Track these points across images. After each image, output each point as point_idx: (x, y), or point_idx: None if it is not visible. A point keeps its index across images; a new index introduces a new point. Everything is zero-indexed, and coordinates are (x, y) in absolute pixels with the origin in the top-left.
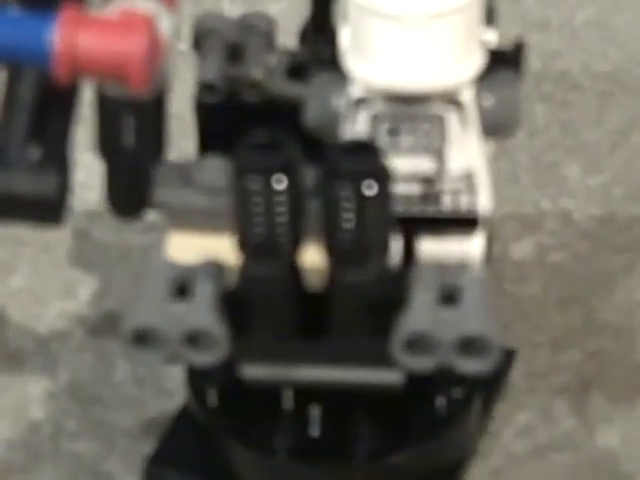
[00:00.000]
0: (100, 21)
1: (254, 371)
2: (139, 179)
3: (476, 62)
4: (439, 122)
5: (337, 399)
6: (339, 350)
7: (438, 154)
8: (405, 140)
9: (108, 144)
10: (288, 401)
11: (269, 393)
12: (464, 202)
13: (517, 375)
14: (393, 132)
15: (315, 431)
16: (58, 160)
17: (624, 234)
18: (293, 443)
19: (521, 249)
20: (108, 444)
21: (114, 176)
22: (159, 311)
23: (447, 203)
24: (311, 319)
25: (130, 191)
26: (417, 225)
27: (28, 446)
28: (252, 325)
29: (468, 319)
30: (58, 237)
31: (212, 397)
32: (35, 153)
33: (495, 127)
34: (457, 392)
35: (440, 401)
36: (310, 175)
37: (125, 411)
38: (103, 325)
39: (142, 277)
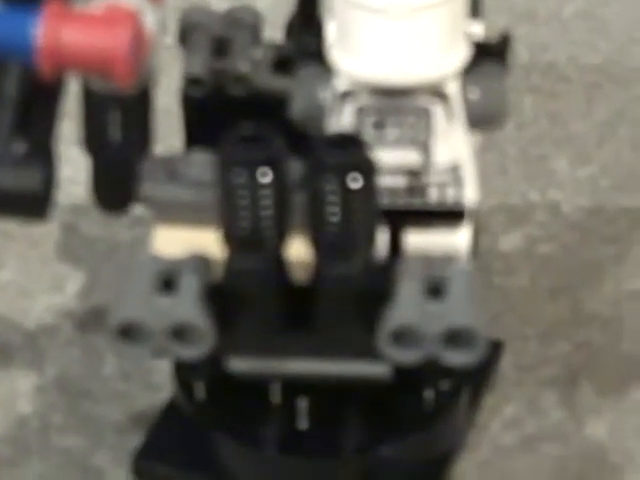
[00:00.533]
0: (84, 16)
1: (241, 364)
2: (125, 173)
3: (462, 54)
4: (425, 115)
5: (324, 392)
6: (325, 343)
7: (424, 147)
8: (391, 133)
9: (94, 139)
10: (275, 394)
11: (256, 386)
12: (450, 195)
13: (505, 367)
14: (379, 125)
15: (303, 424)
16: (43, 154)
17: (612, 225)
18: (281, 436)
19: (509, 241)
20: (96, 438)
21: (100, 171)
22: (145, 305)
23: (433, 196)
24: (297, 312)
25: (116, 185)
26: (403, 218)
27: (16, 440)
28: (238, 318)
29: (454, 312)
30: (45, 232)
31: (199, 390)
32: (20, 147)
33: (481, 119)
34: (444, 384)
35: (428, 394)
36: (295, 168)
37: (113, 405)
38: (91, 319)
39: (128, 271)
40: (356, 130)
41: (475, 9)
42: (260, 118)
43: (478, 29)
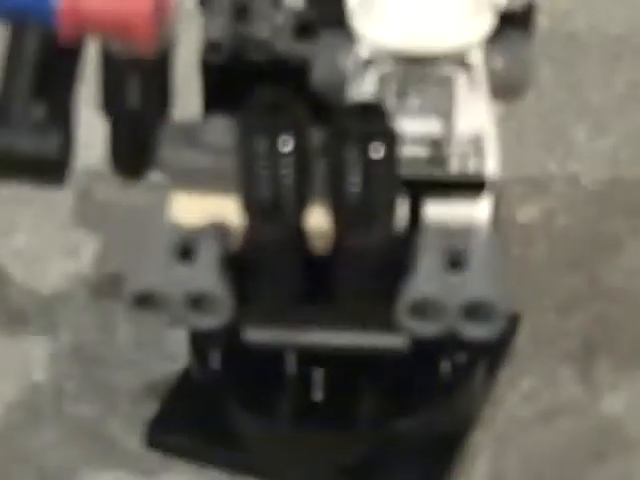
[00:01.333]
0: None
1: (257, 334)
2: (143, 139)
3: (485, 23)
4: (448, 84)
5: (341, 363)
6: (343, 314)
7: (446, 117)
8: (413, 102)
9: (112, 103)
10: (291, 365)
11: (272, 357)
12: (472, 166)
13: (522, 340)
14: (401, 94)
15: (318, 395)
16: (62, 119)
17: (631, 198)
18: (295, 407)
19: (528, 212)
20: (109, 406)
21: (117, 136)
22: (162, 273)
23: (455, 166)
24: (316, 283)
25: (134, 151)
26: (424, 189)
27: (30, 407)
28: (256, 288)
29: (474, 284)
30: (60, 197)
31: (215, 360)
32: (39, 111)
33: (505, 89)
34: (461, 357)
35: (444, 366)
36: (316, 137)
37: (127, 373)
38: (106, 286)
39: (145, 239)
40: (378, 98)
41: None
42: (281, 85)
43: None
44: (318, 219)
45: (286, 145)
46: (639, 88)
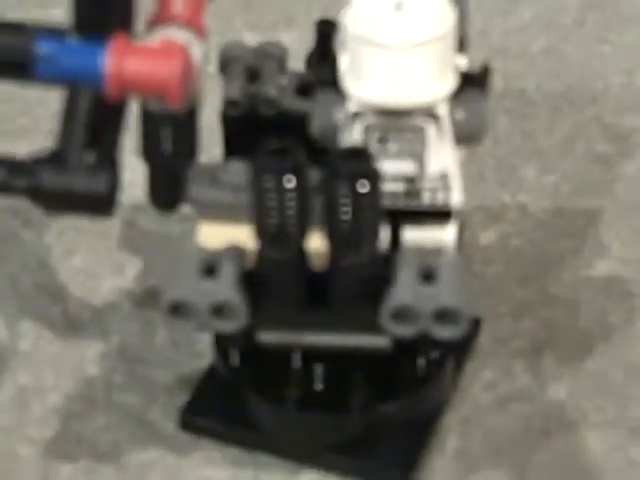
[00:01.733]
0: (143, 48)
1: (268, 336)
2: (175, 179)
3: (450, 82)
4: (420, 132)
5: (336, 359)
6: (338, 319)
7: (419, 159)
8: (392, 147)
9: (150, 150)
10: (296, 361)
11: (281, 354)
12: (440, 198)
13: (483, 340)
14: (382, 140)
15: (318, 385)
16: (109, 163)
17: (571, 223)
18: (300, 395)
19: (487, 236)
20: (150, 396)
21: (155, 176)
22: (191, 287)
23: (426, 199)
24: (315, 294)
25: (168, 188)
26: (401, 217)
27: (84, 397)
28: (267, 299)
29: (443, 294)
30: (109, 226)
31: (234, 358)
32: (90, 157)
33: (466, 137)
34: (434, 354)
35: (420, 361)
36: (314, 176)
37: (164, 369)
38: (146, 298)
39: (178, 259)
40: (364, 144)
41: (461, 45)
42: (285, 134)
43: (463, 62)
44: (316, 242)
45: (289, 183)
46: (577, 134)
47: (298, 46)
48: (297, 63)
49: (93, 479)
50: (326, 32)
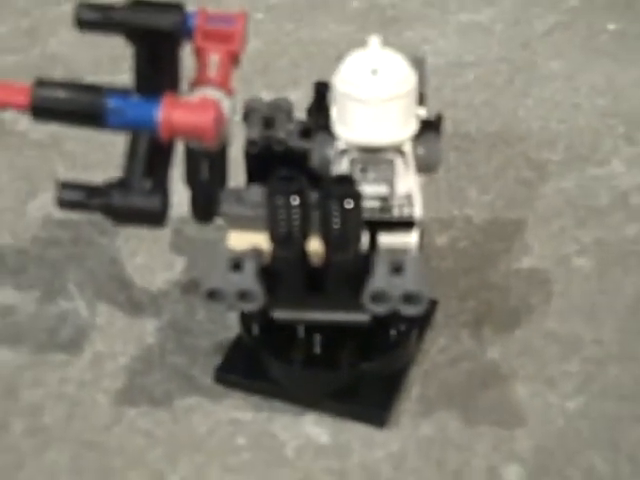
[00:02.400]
0: (187, 103)
1: (280, 314)
2: (210, 199)
3: (413, 127)
4: (391, 164)
5: (330, 330)
6: (331, 301)
7: (390, 183)
8: (370, 175)
9: (191, 178)
10: (300, 332)
11: (289, 327)
12: (406, 212)
13: (438, 316)
14: (363, 170)
15: (317, 350)
16: (162, 188)
17: (503, 230)
18: (304, 357)
19: (441, 240)
20: (193, 359)
21: (195, 197)
22: (222, 278)
23: (395, 212)
24: (314, 283)
25: (205, 206)
26: (377, 226)
27: (144, 359)
28: (278, 286)
29: (408, 282)
30: (163, 234)
31: (255, 330)
32: (148, 184)
33: (425, 167)
34: (402, 326)
35: (392, 332)
36: (313, 196)
37: (203, 338)
38: (190, 287)
39: (212, 257)
40: (349, 173)
41: (421, 99)
42: (292, 166)
43: (423, 111)
44: (315, 245)
45: (295, 201)
46: (507, 164)
47: (302, 101)
48: (301, 113)
49: (150, 419)
50: (322, 91)
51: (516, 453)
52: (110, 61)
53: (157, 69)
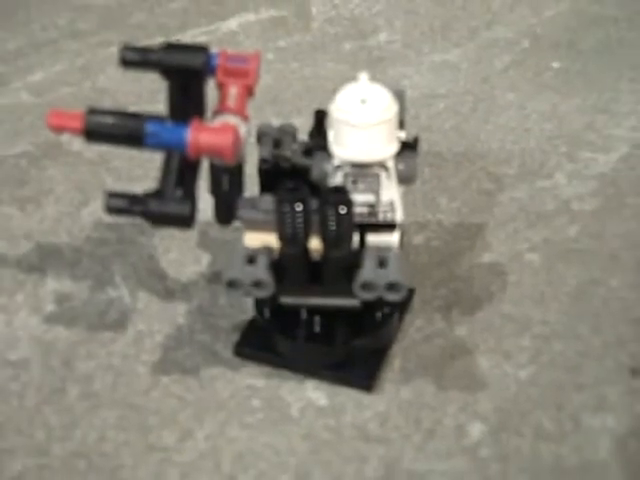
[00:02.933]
0: (211, 127)
1: (286, 299)
2: (230, 206)
3: (395, 147)
4: (377, 177)
5: (328, 313)
6: (328, 289)
7: (376, 193)
8: (360, 186)
9: (215, 188)
10: (303, 314)
11: (294, 310)
12: (389, 216)
13: (415, 301)
14: (354, 182)
15: (317, 329)
16: (191, 197)
17: (468, 231)
18: (306, 335)
19: (417, 239)
20: (216, 336)
21: (218, 204)
22: (240, 270)
23: (381, 217)
24: (314, 274)
25: (226, 212)
26: (366, 228)
27: (177, 337)
28: (286, 277)
29: (391, 274)
30: (191, 234)
31: (266, 313)
32: (179, 193)
33: (404, 179)
34: (386, 310)
35: (378, 314)
36: (314, 203)
37: (225, 320)
38: (213, 277)
39: (232, 253)
40: (343, 184)
41: (401, 124)
42: (296, 179)
43: (402, 134)
44: (315, 243)
45: (298, 207)
46: (471, 178)
47: (304, 126)
48: (303, 136)
49: (181, 386)
50: (320, 117)
51: (479, 413)
52: (149, 93)
53: (187, 100)
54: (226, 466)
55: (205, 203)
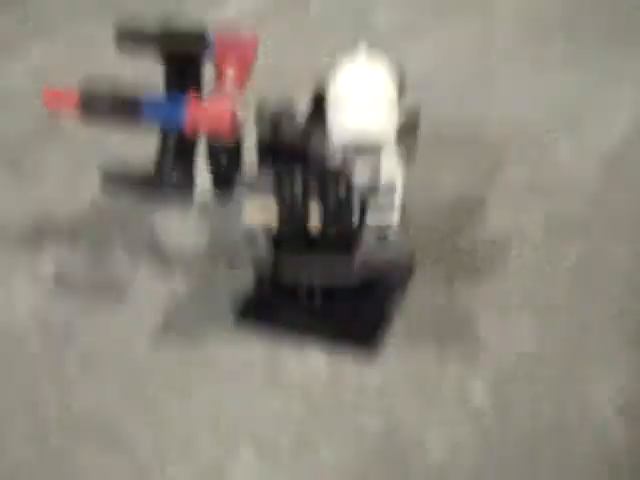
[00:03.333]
0: (208, 102)
1: (287, 276)
2: (229, 183)
3: (394, 125)
4: (377, 156)
5: (327, 288)
6: (327, 265)
7: (376, 172)
8: (360, 165)
9: (213, 166)
10: (302, 289)
11: (295, 283)
12: (389, 195)
13: (418, 274)
14: (354, 161)
15: (318, 302)
16: (189, 175)
17: (470, 206)
18: (306, 308)
19: (419, 214)
20: (217, 305)
21: (216, 180)
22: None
23: (381, 195)
24: (312, 249)
25: (223, 185)
26: (366, 206)
27: (179, 306)
28: (285, 251)
29: (391, 250)
30: (192, 209)
31: (266, 285)
32: (176, 173)
33: (404, 158)
34: (389, 283)
35: (380, 287)
36: (312, 180)
37: (227, 290)
38: (214, 249)
39: (236, 230)
40: (342, 163)
41: (400, 101)
42: (294, 157)
43: (402, 114)
44: (314, 219)
45: (296, 182)
46: (472, 156)
47: (304, 104)
48: (303, 115)
49: (181, 354)
50: (319, 98)
51: (480, 380)
52: (146, 72)
53: (184, 81)
54: (226, 430)
55: (203, 179)
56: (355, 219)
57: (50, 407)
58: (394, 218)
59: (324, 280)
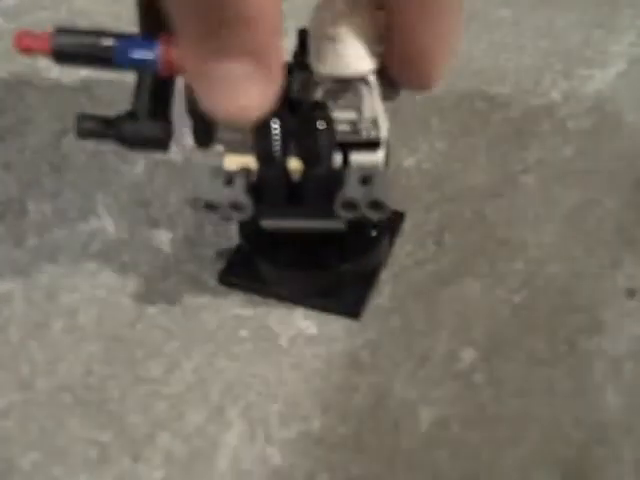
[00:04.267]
0: None
1: (266, 223)
2: (209, 127)
3: (376, 60)
4: (358, 93)
5: (313, 238)
6: (309, 210)
7: (358, 109)
8: (341, 102)
9: (191, 107)
10: (284, 237)
11: (277, 234)
12: (372, 133)
13: (406, 225)
14: (335, 98)
15: (302, 254)
16: (165, 118)
17: (461, 152)
18: (290, 259)
19: (408, 162)
20: (202, 265)
21: (196, 126)
22: (218, 192)
23: (364, 134)
24: (293, 195)
25: (205, 133)
26: (348, 146)
27: (162, 267)
28: (264, 199)
29: (375, 192)
30: (175, 161)
31: (250, 239)
32: (153, 114)
33: (387, 95)
34: (374, 232)
35: (365, 238)
36: (293, 122)
37: (210, 248)
38: (197, 203)
39: (212, 175)
40: (324, 101)
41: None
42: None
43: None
44: (294, 163)
45: (275, 124)
46: (464, 98)
47: (290, 46)
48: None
49: (167, 317)
50: (303, 37)
51: (471, 339)
52: (128, 15)
53: (155, 18)
54: (214, 397)
55: (183, 125)
56: (338, 160)
57: (35, 374)
58: (379, 159)
59: (306, 227)
